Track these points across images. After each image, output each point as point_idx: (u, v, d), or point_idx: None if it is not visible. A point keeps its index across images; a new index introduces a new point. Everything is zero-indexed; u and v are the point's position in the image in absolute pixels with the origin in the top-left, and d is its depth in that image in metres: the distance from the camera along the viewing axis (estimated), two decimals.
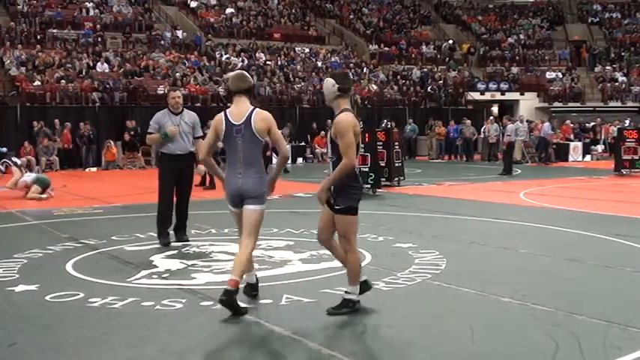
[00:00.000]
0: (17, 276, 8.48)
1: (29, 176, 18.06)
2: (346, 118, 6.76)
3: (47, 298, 7.39)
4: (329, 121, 19.86)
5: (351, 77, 6.28)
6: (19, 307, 7.13)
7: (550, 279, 8.23)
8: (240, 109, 6.99)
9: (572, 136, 35.11)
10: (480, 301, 7.15)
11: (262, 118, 6.99)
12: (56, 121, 29.02)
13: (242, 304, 6.75)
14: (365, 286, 6.93)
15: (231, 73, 7.50)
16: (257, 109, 7.03)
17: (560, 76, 45.51)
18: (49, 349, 5.84)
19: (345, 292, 6.76)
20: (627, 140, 24.60)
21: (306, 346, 5.79)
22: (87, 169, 28.57)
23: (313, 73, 39.63)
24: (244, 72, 7.62)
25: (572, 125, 36.25)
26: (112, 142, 29.25)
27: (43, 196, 17.13)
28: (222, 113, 7.08)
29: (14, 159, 21.03)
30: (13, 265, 9.09)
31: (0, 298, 7.48)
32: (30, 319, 6.69)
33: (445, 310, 6.88)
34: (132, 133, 29.32)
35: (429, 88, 41.60)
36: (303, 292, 7.41)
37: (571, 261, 9.24)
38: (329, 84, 6.99)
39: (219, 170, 7.37)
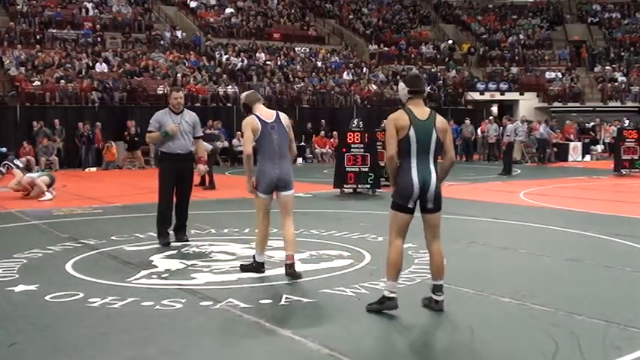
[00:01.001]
0: (17, 276, 8.48)
1: (33, 176, 18.09)
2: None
3: (47, 298, 7.39)
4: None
5: (423, 79, 6.41)
6: (19, 307, 7.13)
7: (550, 279, 8.24)
8: (266, 111, 8.51)
9: (572, 136, 35.14)
10: (479, 301, 7.16)
11: (285, 117, 8.56)
12: (56, 121, 29.00)
13: (242, 304, 6.75)
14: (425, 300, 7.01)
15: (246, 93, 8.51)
16: (278, 111, 8.62)
17: (560, 76, 45.52)
18: (48, 349, 5.84)
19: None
20: (627, 140, 24.62)
21: (306, 346, 5.79)
22: (86, 169, 28.56)
23: (313, 73, 39.63)
24: (255, 91, 9.21)
25: (574, 125, 36.32)
26: (112, 142, 29.25)
27: (49, 196, 17.13)
28: (253, 115, 8.39)
29: (16, 161, 20.99)
30: (12, 265, 9.08)
31: (0, 298, 7.48)
32: (30, 319, 6.69)
33: (445, 310, 6.87)
34: (132, 133, 29.29)
35: (428, 88, 41.54)
36: (303, 292, 7.42)
37: (571, 261, 9.25)
38: (400, 87, 7.13)
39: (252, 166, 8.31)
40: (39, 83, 31.35)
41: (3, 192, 17.70)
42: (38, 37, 36.09)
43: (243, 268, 8.60)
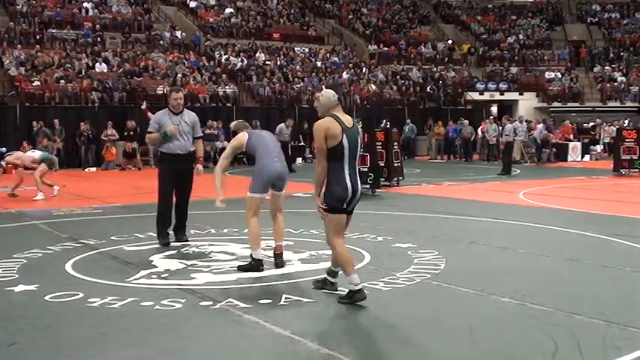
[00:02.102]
0: (17, 276, 8.48)
1: (35, 152, 18.11)
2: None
3: (47, 298, 7.39)
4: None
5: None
6: (19, 307, 7.14)
7: (549, 279, 8.24)
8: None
9: (571, 136, 35.16)
10: (479, 301, 7.16)
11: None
12: (55, 121, 28.97)
13: (241, 304, 6.75)
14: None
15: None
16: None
17: (560, 76, 45.51)
18: (48, 349, 5.85)
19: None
20: (626, 140, 24.62)
21: (305, 346, 5.80)
22: (86, 169, 28.57)
23: (313, 73, 39.62)
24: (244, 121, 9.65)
25: (571, 125, 36.34)
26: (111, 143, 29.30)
27: (41, 196, 17.14)
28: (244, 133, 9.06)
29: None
30: (12, 265, 9.09)
31: (0, 298, 7.49)
32: (29, 319, 6.69)
33: (444, 310, 6.88)
34: (132, 144, 29.31)
35: (428, 88, 41.60)
36: (303, 292, 7.42)
37: (570, 261, 9.25)
38: (327, 96, 7.23)
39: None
40: (39, 83, 31.34)
41: (2, 192, 17.64)
42: (38, 37, 36.06)
43: (242, 269, 8.62)
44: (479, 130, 33.66)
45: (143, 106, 20.59)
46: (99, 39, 37.43)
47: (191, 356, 5.65)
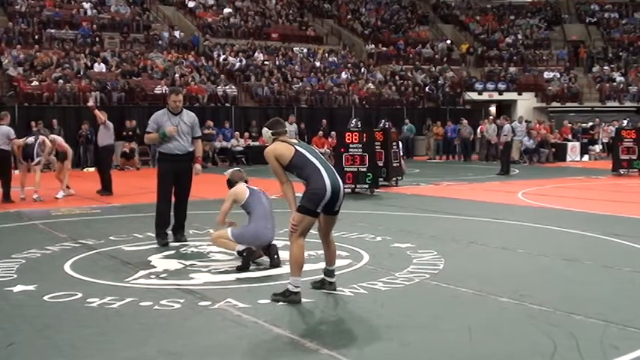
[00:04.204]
0: (15, 276, 8.49)
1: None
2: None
3: (45, 298, 7.39)
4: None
5: (283, 122, 7.02)
6: (17, 307, 7.13)
7: (548, 279, 8.25)
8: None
9: (570, 136, 35.19)
10: (478, 301, 7.16)
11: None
12: (54, 121, 28.93)
13: (240, 304, 6.75)
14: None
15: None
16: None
17: (558, 76, 45.51)
18: (47, 349, 5.84)
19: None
20: (625, 140, 24.64)
21: (305, 346, 5.80)
22: (85, 169, 28.54)
23: (311, 73, 39.62)
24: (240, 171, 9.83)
25: (570, 125, 36.37)
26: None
27: (71, 191, 17.29)
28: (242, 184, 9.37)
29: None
30: (11, 265, 9.09)
31: None
32: (28, 319, 6.69)
33: (443, 310, 6.89)
34: (131, 144, 29.29)
35: (426, 88, 41.60)
36: (302, 292, 7.40)
37: (569, 261, 9.25)
38: (264, 132, 7.63)
39: None
40: (37, 83, 31.34)
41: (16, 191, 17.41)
42: (37, 37, 36.05)
43: (240, 268, 8.67)
44: (478, 130, 33.65)
45: (90, 103, 20.45)
46: (97, 39, 37.42)
47: (190, 356, 5.65)
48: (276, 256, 8.89)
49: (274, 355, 5.71)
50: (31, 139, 17.08)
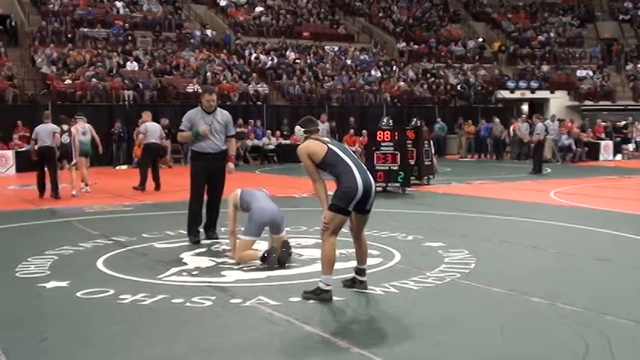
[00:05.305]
0: (49, 272, 8.57)
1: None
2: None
3: (78, 294, 7.46)
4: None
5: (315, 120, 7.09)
6: (50, 304, 7.20)
7: (580, 279, 8.19)
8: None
9: (603, 135, 34.90)
10: (509, 301, 7.13)
11: None
12: (84, 118, 29.07)
13: (271, 302, 6.76)
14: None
15: None
16: None
17: (591, 74, 45.13)
18: (79, 345, 5.89)
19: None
20: None
21: (335, 345, 5.80)
22: (117, 167, 28.74)
23: (342, 72, 39.60)
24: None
25: (603, 124, 36.06)
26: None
27: (87, 188, 17.43)
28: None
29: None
30: (44, 262, 9.18)
31: (32, 295, 7.56)
32: (61, 316, 6.76)
33: (475, 309, 6.86)
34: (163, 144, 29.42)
35: (458, 86, 41.44)
36: (333, 290, 7.38)
37: (601, 261, 9.18)
38: (296, 130, 7.65)
39: None
40: (70, 82, 31.60)
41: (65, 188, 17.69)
42: (69, 35, 36.35)
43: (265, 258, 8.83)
44: (510, 128, 33.45)
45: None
46: (130, 38, 37.66)
47: (222, 353, 5.68)
48: (284, 249, 8.94)
49: (305, 353, 5.72)
50: (66, 138, 17.31)
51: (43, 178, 17.10)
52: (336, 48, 43.07)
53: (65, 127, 17.53)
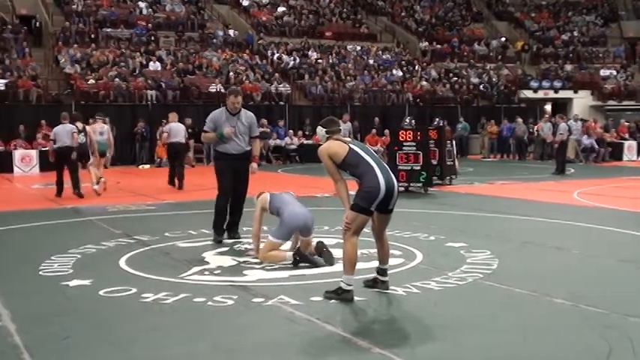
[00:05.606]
0: (72, 271, 8.62)
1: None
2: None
3: (101, 292, 7.50)
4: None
5: (337, 120, 7.14)
6: (74, 302, 7.25)
7: (603, 280, 8.14)
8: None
9: (627, 135, 34.67)
10: (532, 302, 7.09)
11: None
12: (106, 119, 29.22)
13: (293, 301, 6.77)
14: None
15: None
16: None
17: (615, 73, 44.82)
18: (102, 343, 5.92)
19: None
20: None
21: (357, 345, 5.80)
22: (140, 166, 28.88)
23: (365, 71, 39.58)
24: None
25: (627, 124, 35.82)
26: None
27: (94, 185, 17.54)
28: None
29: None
30: (67, 260, 9.23)
31: (55, 293, 7.61)
32: (84, 314, 6.79)
33: (497, 310, 6.84)
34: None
35: (481, 86, 41.30)
36: (354, 290, 7.38)
37: (625, 262, 9.12)
38: (318, 130, 7.63)
39: None
40: (93, 81, 31.77)
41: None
42: (93, 36, 36.56)
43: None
44: (535, 127, 33.28)
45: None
46: (153, 38, 37.82)
47: (243, 352, 5.69)
48: (325, 249, 8.93)
49: (326, 352, 5.72)
50: (82, 138, 17.45)
51: (62, 178, 17.25)
52: (359, 48, 43.03)
53: (79, 125, 17.64)
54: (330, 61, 40.05)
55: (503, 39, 48.14)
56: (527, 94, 42.77)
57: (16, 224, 12.85)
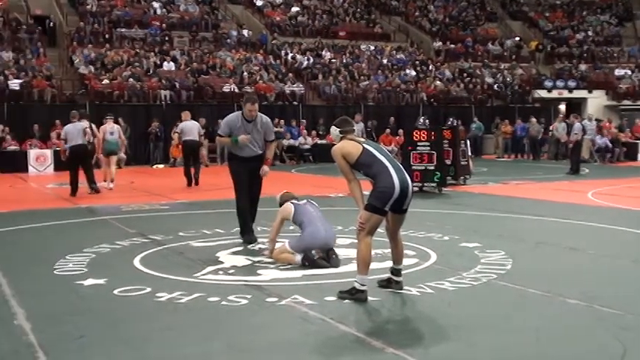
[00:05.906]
0: (86, 270, 8.65)
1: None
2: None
3: (115, 292, 7.52)
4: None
5: (351, 120, 7.14)
6: (88, 301, 7.27)
7: (618, 281, 8.11)
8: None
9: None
10: (546, 302, 7.08)
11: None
12: (120, 119, 29.32)
13: (307, 301, 6.78)
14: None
15: None
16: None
17: (630, 73, 44.59)
18: (116, 342, 5.94)
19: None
20: None
21: (370, 345, 5.80)
22: (154, 166, 28.95)
23: (378, 71, 39.55)
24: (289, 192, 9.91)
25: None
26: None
27: (109, 184, 17.62)
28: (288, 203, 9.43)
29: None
30: (82, 260, 9.27)
31: (69, 292, 7.64)
32: (98, 313, 6.82)
33: (511, 310, 6.82)
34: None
35: (495, 85, 41.20)
36: (368, 290, 7.37)
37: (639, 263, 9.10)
38: (332, 130, 7.62)
39: None
40: (108, 82, 31.87)
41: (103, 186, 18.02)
42: (107, 36, 36.68)
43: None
44: (551, 127, 33.18)
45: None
46: (167, 38, 37.90)
47: (257, 352, 5.70)
48: (334, 256, 8.89)
49: (340, 352, 5.73)
50: (91, 138, 17.64)
51: (76, 177, 17.33)
52: (372, 47, 43.00)
53: (85, 123, 17.74)
54: (344, 60, 40.05)
55: (517, 39, 48.01)
56: (542, 93, 42.65)
57: (29, 224, 12.91)
